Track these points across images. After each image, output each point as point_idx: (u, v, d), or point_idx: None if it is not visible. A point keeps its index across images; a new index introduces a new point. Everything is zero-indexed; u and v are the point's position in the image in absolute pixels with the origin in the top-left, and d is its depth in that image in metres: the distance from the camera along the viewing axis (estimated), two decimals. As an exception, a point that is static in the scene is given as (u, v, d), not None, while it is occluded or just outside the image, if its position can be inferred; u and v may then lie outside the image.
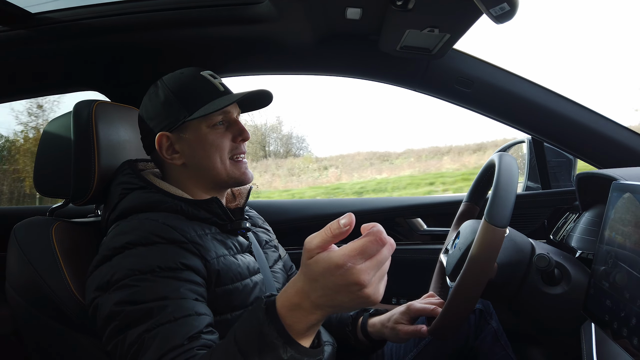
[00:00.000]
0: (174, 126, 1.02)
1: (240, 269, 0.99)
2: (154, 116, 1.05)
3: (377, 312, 1.18)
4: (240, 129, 1.07)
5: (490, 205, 0.92)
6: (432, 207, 1.89)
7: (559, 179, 1.91)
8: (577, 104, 1.42)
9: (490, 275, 0.93)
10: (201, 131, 1.03)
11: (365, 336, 1.15)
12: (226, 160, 1.05)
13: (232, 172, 1.06)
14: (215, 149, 1.03)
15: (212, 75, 1.08)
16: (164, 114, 1.03)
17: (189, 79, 1.05)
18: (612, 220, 0.87)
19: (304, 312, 0.63)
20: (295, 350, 0.63)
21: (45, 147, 1.13)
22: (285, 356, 0.62)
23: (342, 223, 0.61)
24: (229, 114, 1.06)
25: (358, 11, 1.20)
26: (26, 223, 1.04)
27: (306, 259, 0.62)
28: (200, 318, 0.82)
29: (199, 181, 1.07)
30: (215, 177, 1.05)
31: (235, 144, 1.06)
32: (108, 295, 0.83)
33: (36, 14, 1.34)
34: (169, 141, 1.04)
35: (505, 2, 0.77)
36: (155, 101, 1.05)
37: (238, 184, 1.09)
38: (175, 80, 1.05)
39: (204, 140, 1.03)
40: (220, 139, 1.04)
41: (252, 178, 1.10)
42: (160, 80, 1.07)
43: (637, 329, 0.71)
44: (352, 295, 0.60)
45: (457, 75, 1.44)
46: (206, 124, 1.03)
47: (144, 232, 0.89)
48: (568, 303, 0.99)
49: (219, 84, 1.07)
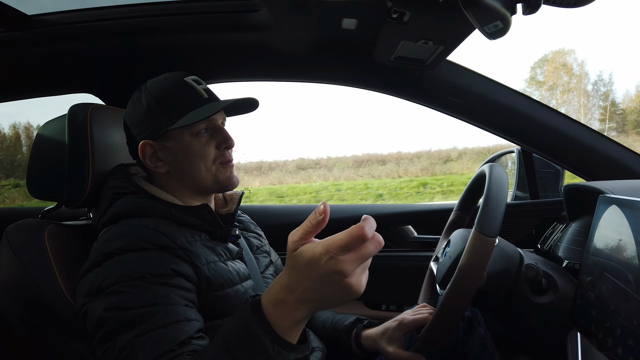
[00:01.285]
0: (157, 135, 1.02)
1: (230, 275, 0.99)
2: (137, 123, 1.04)
3: (370, 324, 1.18)
4: (225, 136, 1.06)
5: (481, 215, 0.93)
6: (422, 215, 1.91)
7: (547, 189, 1.94)
8: (566, 116, 1.45)
9: (480, 283, 0.95)
10: (184, 140, 1.02)
11: (359, 347, 1.15)
12: (211, 167, 1.05)
13: (218, 176, 1.06)
14: (199, 158, 1.03)
15: (197, 80, 1.06)
16: (146, 122, 1.03)
17: (172, 86, 1.04)
18: (598, 232, 0.89)
19: (288, 308, 0.64)
20: (282, 347, 0.64)
21: (39, 150, 1.13)
22: (273, 353, 0.63)
23: (319, 211, 0.63)
24: (213, 121, 1.06)
25: (354, 22, 1.22)
26: (18, 225, 1.04)
27: (291, 252, 0.63)
28: (191, 324, 0.82)
29: (184, 188, 1.07)
30: (200, 184, 1.05)
31: (219, 151, 1.06)
32: (98, 300, 0.83)
33: (32, 15, 1.34)
34: (152, 149, 1.03)
35: (498, 20, 0.79)
36: (139, 108, 1.04)
37: (223, 188, 1.08)
38: (159, 87, 1.04)
39: (188, 149, 1.02)
40: (204, 147, 1.03)
41: (237, 183, 1.09)
42: (144, 85, 1.06)
43: (622, 340, 0.73)
44: (334, 285, 0.61)
45: (449, 86, 1.46)
46: (189, 132, 1.02)
47: (134, 238, 0.90)
48: (555, 312, 1.01)
49: (202, 90, 1.05)
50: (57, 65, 1.49)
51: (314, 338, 1.15)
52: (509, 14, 0.81)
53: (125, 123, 1.07)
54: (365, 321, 1.19)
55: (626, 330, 0.72)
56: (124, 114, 1.08)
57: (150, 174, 1.09)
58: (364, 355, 1.16)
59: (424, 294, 1.31)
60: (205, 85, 1.07)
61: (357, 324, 1.19)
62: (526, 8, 0.80)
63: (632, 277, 0.74)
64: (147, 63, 1.51)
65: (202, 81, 1.08)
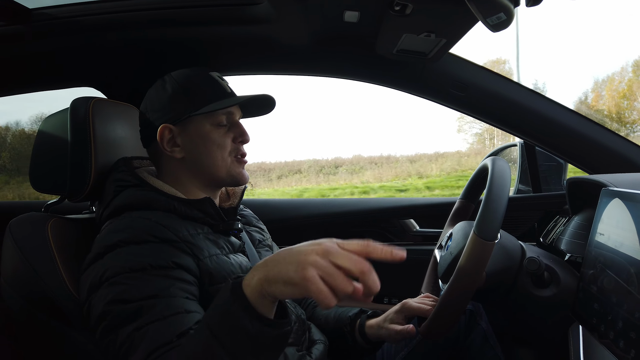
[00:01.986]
0: (179, 119, 1.03)
1: (232, 268, 0.99)
2: (158, 108, 1.05)
3: (375, 313, 1.19)
4: (242, 131, 1.09)
5: (480, 219, 0.93)
6: (425, 208, 1.91)
7: (550, 182, 1.94)
8: (569, 109, 1.45)
9: (479, 284, 0.95)
10: (205, 128, 1.04)
11: (363, 337, 1.16)
12: (227, 158, 1.07)
13: (231, 169, 1.07)
14: (217, 147, 1.05)
15: (220, 77, 1.10)
16: (169, 107, 1.04)
17: (198, 77, 1.07)
18: (600, 226, 0.89)
19: (258, 283, 0.66)
20: (261, 323, 0.66)
21: (41, 144, 1.13)
22: (253, 330, 0.65)
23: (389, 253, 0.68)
24: (232, 116, 1.09)
25: (356, 14, 1.21)
26: (22, 219, 1.04)
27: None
28: (190, 315, 0.83)
29: (195, 177, 1.07)
30: (214, 174, 1.06)
31: (235, 144, 1.08)
32: (100, 292, 0.83)
33: (34, 9, 1.33)
34: (171, 134, 1.04)
35: (502, 12, 0.79)
36: (162, 94, 1.06)
37: (235, 183, 1.10)
38: (184, 76, 1.07)
39: (207, 137, 1.05)
40: (223, 138, 1.06)
41: (248, 179, 1.11)
42: (169, 75, 1.08)
43: (623, 332, 0.73)
44: (292, 257, 0.64)
45: (452, 79, 1.45)
46: (210, 121, 1.05)
47: (136, 231, 0.90)
48: (557, 305, 1.01)
49: (226, 85, 1.09)
50: (59, 60, 1.49)
51: (315, 331, 1.16)
52: (512, 6, 0.80)
53: (144, 108, 1.09)
54: (369, 311, 1.20)
55: (628, 323, 0.72)
56: (143, 101, 1.10)
57: (162, 162, 1.10)
58: (368, 345, 1.16)
59: (427, 281, 1.32)
60: (227, 82, 1.11)
61: (361, 314, 1.20)
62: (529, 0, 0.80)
63: (634, 271, 0.74)
64: (149, 57, 1.51)
65: (224, 78, 1.11)
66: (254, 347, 0.67)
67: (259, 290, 0.66)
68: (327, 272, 0.61)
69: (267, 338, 0.67)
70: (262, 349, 0.68)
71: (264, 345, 0.68)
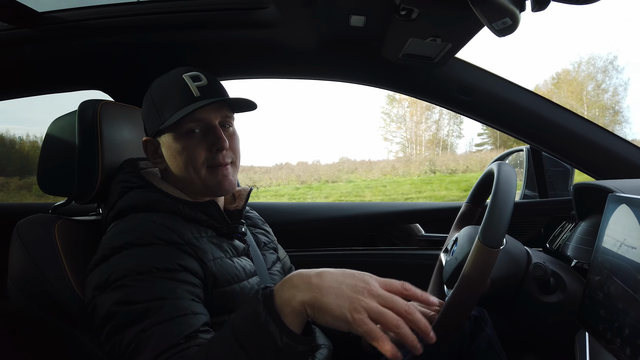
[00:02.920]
0: (153, 132, 1.03)
1: (236, 272, 0.99)
2: (144, 119, 1.08)
3: None
4: (216, 136, 1.00)
5: (485, 226, 0.92)
6: (430, 213, 1.90)
7: (557, 188, 1.92)
8: (576, 114, 1.44)
9: (483, 291, 0.95)
10: (175, 139, 1.00)
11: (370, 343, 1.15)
12: (200, 169, 1.00)
13: (206, 180, 1.02)
14: (187, 158, 1.00)
15: (196, 77, 1.02)
16: (148, 120, 1.05)
17: (169, 84, 1.03)
18: (607, 232, 0.88)
19: (301, 306, 0.69)
20: (290, 338, 0.67)
21: (49, 146, 1.14)
22: (281, 344, 0.66)
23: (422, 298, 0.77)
24: (207, 121, 1.00)
25: (362, 19, 1.21)
26: (29, 220, 1.05)
27: None
28: (197, 317, 0.83)
29: (184, 185, 1.05)
30: (190, 185, 1.03)
31: (211, 153, 1.01)
32: (106, 294, 0.84)
33: (42, 13, 1.35)
34: (152, 146, 1.05)
35: (507, 17, 0.79)
36: (145, 105, 1.07)
37: (214, 194, 1.05)
38: (158, 85, 1.05)
39: (177, 149, 1.00)
40: (194, 148, 0.99)
41: (230, 188, 1.04)
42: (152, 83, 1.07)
43: (630, 339, 0.72)
44: (343, 294, 0.67)
45: (457, 84, 1.45)
46: (178, 132, 0.99)
47: (141, 233, 0.90)
48: (563, 312, 1.00)
49: (196, 88, 1.00)
50: (67, 63, 1.51)
51: (320, 335, 1.15)
52: (517, 11, 0.80)
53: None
54: None
55: (634, 330, 0.72)
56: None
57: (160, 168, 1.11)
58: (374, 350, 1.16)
59: (432, 286, 1.32)
60: (204, 82, 1.02)
61: None
62: (535, 5, 0.80)
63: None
64: (156, 60, 1.52)
65: (203, 77, 1.03)
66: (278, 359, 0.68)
67: (298, 311, 0.68)
68: (378, 313, 0.67)
69: (293, 352, 0.68)
70: None
71: (289, 358, 0.68)
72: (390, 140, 28.14)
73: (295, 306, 0.68)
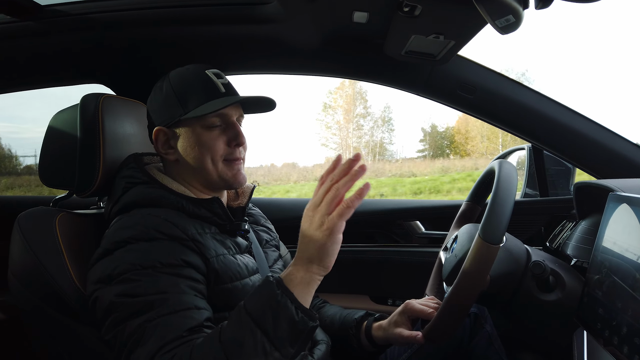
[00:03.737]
0: (170, 122, 1.03)
1: (239, 269, 1.00)
2: (156, 109, 1.06)
3: (381, 316, 1.18)
4: (236, 132, 1.06)
5: (485, 222, 0.93)
6: (430, 211, 1.90)
7: (557, 186, 1.92)
8: (578, 113, 1.44)
9: (482, 288, 0.95)
10: (196, 131, 1.03)
11: (369, 340, 1.15)
12: (218, 162, 1.04)
13: (223, 173, 1.05)
14: (207, 151, 1.03)
15: (217, 74, 1.07)
16: (163, 109, 1.04)
17: (191, 77, 1.05)
18: (607, 231, 0.88)
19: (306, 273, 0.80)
20: (304, 313, 0.76)
21: (51, 139, 1.14)
22: (297, 318, 0.75)
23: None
24: (227, 117, 1.05)
25: (365, 15, 1.21)
26: (30, 213, 1.05)
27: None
28: (200, 312, 0.84)
29: (193, 178, 1.07)
30: (206, 177, 1.05)
31: (230, 148, 1.05)
32: (109, 288, 0.84)
33: (45, 6, 1.35)
34: (165, 136, 1.05)
35: (510, 14, 0.79)
36: (159, 95, 1.06)
37: (229, 186, 1.08)
38: (179, 77, 1.05)
39: (197, 140, 1.03)
40: (214, 141, 1.03)
41: (244, 181, 1.09)
42: (167, 74, 1.08)
43: (628, 338, 0.72)
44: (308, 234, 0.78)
45: (460, 82, 1.45)
46: (201, 124, 1.02)
47: (145, 228, 0.91)
48: (561, 310, 1.01)
49: (221, 84, 1.05)
50: (69, 56, 1.51)
51: (319, 331, 1.16)
52: (520, 9, 0.80)
53: (147, 108, 1.10)
54: (376, 314, 1.20)
55: (632, 329, 0.72)
56: (148, 100, 1.10)
57: (163, 161, 1.11)
58: (374, 348, 1.16)
59: (431, 284, 1.32)
60: (225, 80, 1.07)
61: (367, 317, 1.19)
62: (538, 2, 0.79)
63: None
64: (158, 54, 1.52)
65: (223, 75, 1.08)
66: (294, 334, 0.76)
67: (307, 280, 0.79)
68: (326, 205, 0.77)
69: (306, 327, 0.76)
70: (299, 338, 0.76)
71: (303, 333, 0.76)
72: (326, 145, 29.65)
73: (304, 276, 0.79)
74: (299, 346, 0.77)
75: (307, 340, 0.79)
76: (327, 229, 0.76)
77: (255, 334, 0.74)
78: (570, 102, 1.47)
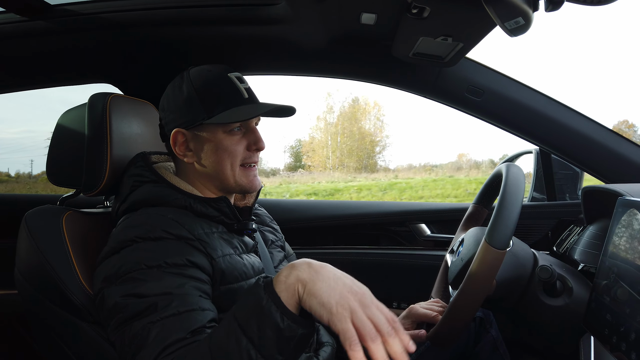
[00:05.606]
0: (192, 125, 1.01)
1: (245, 269, 0.99)
2: (174, 109, 1.04)
3: None
4: (257, 138, 1.06)
5: (492, 227, 0.92)
6: (436, 213, 1.90)
7: (565, 191, 1.91)
8: (586, 117, 1.42)
9: (488, 292, 0.94)
10: (217, 135, 1.02)
11: None
12: (236, 167, 1.04)
13: (240, 179, 1.05)
14: (228, 155, 1.02)
15: (240, 78, 1.06)
16: (184, 110, 1.02)
17: (215, 79, 1.03)
18: (615, 236, 0.87)
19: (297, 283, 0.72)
20: (291, 320, 0.71)
21: (59, 138, 1.15)
22: (283, 325, 0.70)
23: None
24: (248, 122, 1.05)
25: (373, 17, 1.21)
26: (38, 211, 1.06)
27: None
28: (204, 313, 0.84)
29: (207, 181, 1.07)
30: (222, 181, 1.05)
31: (249, 152, 1.05)
32: (115, 287, 0.85)
33: (55, 5, 1.36)
34: (184, 138, 1.03)
35: (520, 17, 0.78)
36: (178, 95, 1.03)
37: (244, 191, 1.08)
38: (201, 78, 1.03)
39: (219, 145, 1.02)
40: (235, 145, 1.03)
41: (259, 186, 1.09)
42: (187, 72, 1.05)
43: (636, 344, 0.72)
44: (337, 286, 0.71)
45: (467, 84, 1.44)
46: (223, 129, 1.02)
47: (152, 227, 0.91)
48: (568, 315, 1.00)
49: (244, 89, 1.04)
50: (78, 56, 1.52)
51: (324, 333, 1.15)
52: (530, 11, 0.79)
53: (162, 106, 1.07)
54: None
55: (641, 336, 0.71)
56: (163, 95, 1.08)
57: (177, 161, 1.10)
58: None
59: (437, 287, 1.31)
60: (247, 84, 1.06)
61: None
62: (548, 5, 0.79)
63: (649, 282, 0.73)
64: (166, 54, 1.53)
65: (244, 79, 1.07)
66: (281, 342, 0.71)
67: (293, 289, 0.72)
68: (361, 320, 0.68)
69: (294, 334, 0.71)
70: (287, 346, 0.72)
71: (291, 341, 0.71)
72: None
73: (290, 283, 0.72)
74: (290, 354, 0.73)
75: (299, 347, 0.74)
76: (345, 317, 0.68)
77: (240, 341, 0.71)
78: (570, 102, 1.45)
